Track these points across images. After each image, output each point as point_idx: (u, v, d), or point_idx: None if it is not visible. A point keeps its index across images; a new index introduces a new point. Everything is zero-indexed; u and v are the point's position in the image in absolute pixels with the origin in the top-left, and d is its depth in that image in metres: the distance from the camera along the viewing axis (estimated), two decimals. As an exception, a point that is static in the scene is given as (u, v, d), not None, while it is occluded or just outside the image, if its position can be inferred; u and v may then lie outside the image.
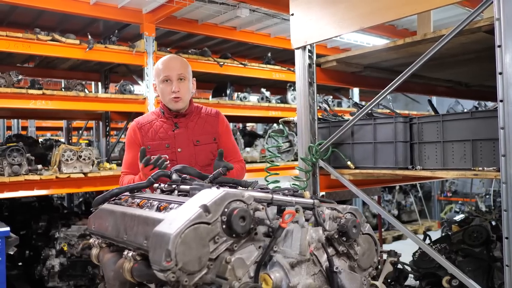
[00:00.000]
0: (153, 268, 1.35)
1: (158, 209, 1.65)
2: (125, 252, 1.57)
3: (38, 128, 10.25)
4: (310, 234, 1.56)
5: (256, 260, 1.51)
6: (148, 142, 2.57)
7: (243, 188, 1.90)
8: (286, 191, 1.80)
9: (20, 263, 5.56)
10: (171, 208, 1.61)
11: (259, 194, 1.57)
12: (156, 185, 2.00)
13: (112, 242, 1.77)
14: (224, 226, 1.42)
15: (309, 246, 1.55)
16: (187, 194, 1.78)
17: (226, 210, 1.42)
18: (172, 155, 2.51)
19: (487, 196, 8.41)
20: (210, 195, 1.44)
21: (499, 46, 2.20)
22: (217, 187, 1.69)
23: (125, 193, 1.95)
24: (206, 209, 1.38)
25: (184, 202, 1.52)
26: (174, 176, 1.96)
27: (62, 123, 8.33)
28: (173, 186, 1.93)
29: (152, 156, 2.23)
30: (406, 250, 4.23)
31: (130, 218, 1.63)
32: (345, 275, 1.70)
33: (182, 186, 1.87)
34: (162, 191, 1.96)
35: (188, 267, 1.33)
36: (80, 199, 7.94)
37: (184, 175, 1.97)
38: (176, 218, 1.38)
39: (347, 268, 1.77)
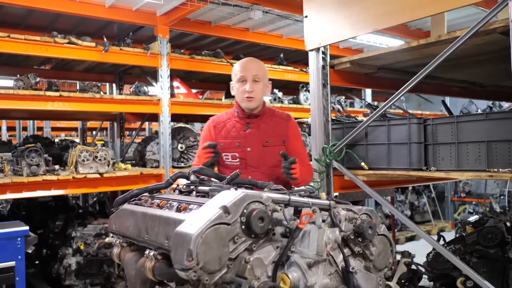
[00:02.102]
0: (175, 267, 1.39)
1: (178, 210, 1.69)
2: (147, 252, 1.62)
3: (53, 129, 10.40)
4: (327, 234, 1.59)
5: (274, 260, 1.54)
6: (220, 140, 2.68)
7: (260, 189, 1.93)
8: (302, 192, 1.83)
9: (36, 262, 5.66)
10: (190, 209, 1.65)
11: (276, 195, 1.60)
12: (174, 186, 2.05)
13: (133, 241, 1.81)
14: (243, 227, 1.45)
15: (326, 247, 1.58)
16: (206, 195, 1.82)
17: (245, 211, 1.45)
18: (242, 154, 2.63)
19: (502, 197, 8.33)
20: (229, 196, 1.47)
21: (515, 48, 2.20)
22: (235, 189, 1.73)
23: (145, 194, 1.99)
24: (226, 210, 1.42)
25: (203, 203, 1.56)
26: (192, 178, 2.00)
27: (76, 124, 8.46)
28: (191, 187, 1.96)
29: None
30: (419, 251, 4.23)
31: (151, 218, 1.67)
32: (361, 275, 1.73)
33: (200, 187, 1.91)
34: (181, 192, 2.00)
35: (209, 266, 1.37)
36: (94, 199, 8.04)
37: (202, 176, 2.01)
38: (197, 218, 1.41)
39: (362, 268, 1.79)
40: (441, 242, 3.61)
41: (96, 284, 4.98)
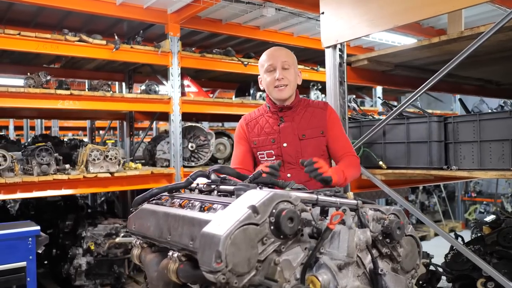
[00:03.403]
0: (202, 269, 1.33)
1: (201, 210, 1.64)
2: (170, 253, 1.56)
3: (61, 128, 10.39)
4: (358, 235, 1.53)
5: (302, 262, 1.48)
6: (254, 138, 2.52)
7: (282, 188, 1.88)
8: (328, 191, 1.77)
9: (46, 262, 5.63)
10: (215, 209, 1.59)
11: (304, 194, 1.55)
12: (193, 185, 1.99)
13: (154, 242, 1.76)
14: (272, 227, 1.39)
15: (357, 248, 1.52)
16: (229, 194, 1.77)
17: (274, 211, 1.39)
18: (278, 151, 2.45)
19: (513, 197, 8.25)
20: (258, 195, 1.42)
21: (542, 43, 2.14)
22: (260, 188, 1.67)
23: (164, 194, 1.94)
24: (255, 210, 1.36)
25: (228, 203, 1.50)
26: (213, 176, 1.95)
27: (85, 123, 8.43)
28: (212, 186, 1.91)
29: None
30: (431, 251, 4.17)
31: (174, 218, 1.62)
32: (390, 277, 1.67)
33: (222, 186, 1.85)
34: (201, 191, 1.94)
35: (238, 268, 1.32)
36: (102, 198, 8.01)
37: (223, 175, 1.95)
38: (225, 219, 1.36)
39: (390, 270, 1.73)
40: (460, 242, 3.55)
41: (106, 285, 4.95)
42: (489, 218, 4.30)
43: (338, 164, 2.42)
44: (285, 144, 2.43)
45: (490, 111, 6.20)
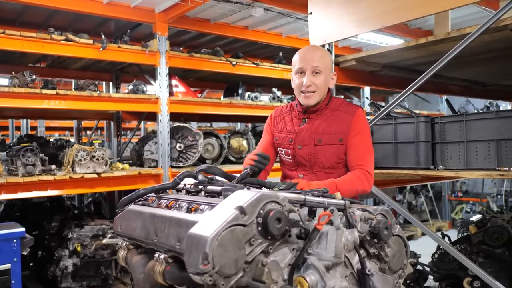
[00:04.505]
0: (189, 271, 1.32)
1: (189, 211, 1.62)
2: (156, 255, 1.54)
3: (47, 128, 10.26)
4: (346, 236, 1.53)
5: (290, 263, 1.48)
6: (276, 133, 2.48)
7: (270, 189, 1.87)
8: (316, 192, 1.76)
9: (31, 264, 5.55)
10: (202, 210, 1.58)
11: (292, 195, 1.54)
12: (181, 185, 1.97)
13: (140, 243, 1.74)
14: (259, 228, 1.38)
15: (344, 249, 1.52)
16: (217, 195, 1.75)
17: (261, 211, 1.38)
18: (293, 151, 2.38)
19: (499, 196, 8.34)
20: (245, 196, 1.40)
21: (528, 44, 2.16)
22: (247, 188, 1.66)
23: (151, 194, 1.92)
24: (242, 210, 1.35)
25: (215, 204, 1.49)
26: (200, 177, 1.93)
27: (71, 123, 8.34)
28: (200, 187, 1.89)
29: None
30: (418, 250, 4.19)
31: (161, 219, 1.60)
32: (378, 277, 1.67)
33: (209, 187, 1.84)
34: (188, 192, 1.93)
35: (225, 270, 1.30)
36: (89, 199, 7.93)
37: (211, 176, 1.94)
38: (212, 220, 1.35)
39: (377, 270, 1.74)
40: (446, 241, 3.58)
41: (93, 286, 4.89)
42: (475, 217, 4.35)
43: (339, 178, 2.22)
44: (300, 146, 2.36)
45: (476, 111, 6.27)
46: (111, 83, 6.49)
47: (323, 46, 3.16)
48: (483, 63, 3.47)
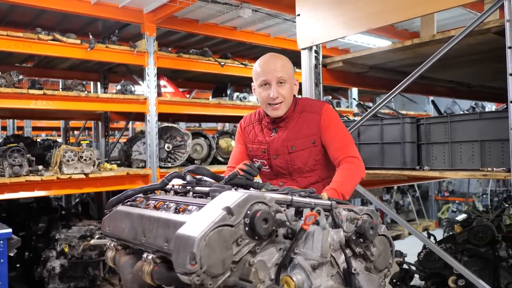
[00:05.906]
0: (177, 271, 1.33)
1: (177, 211, 1.63)
2: (145, 255, 1.55)
3: (34, 128, 10.17)
4: (331, 236, 1.55)
5: (277, 262, 1.49)
6: (249, 144, 2.45)
7: (257, 190, 1.89)
8: (303, 192, 1.79)
9: (18, 265, 5.51)
10: (190, 210, 1.59)
11: (279, 195, 1.56)
12: (169, 186, 1.98)
13: (128, 244, 1.75)
14: (247, 229, 1.40)
15: (330, 248, 1.54)
16: (205, 196, 1.77)
17: (249, 212, 1.40)
18: (269, 162, 2.36)
19: (484, 196, 8.46)
20: (232, 197, 1.42)
21: (510, 48, 2.21)
22: (235, 189, 1.68)
23: (139, 195, 1.92)
24: (229, 211, 1.37)
25: (203, 204, 1.50)
26: (188, 178, 1.94)
27: (58, 123, 8.27)
28: (188, 187, 1.90)
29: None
30: (405, 249, 4.26)
31: (149, 220, 1.61)
32: (363, 276, 1.70)
33: (198, 188, 1.85)
34: (176, 193, 1.94)
35: (213, 270, 1.32)
36: (77, 200, 7.88)
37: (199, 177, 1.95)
38: (199, 220, 1.36)
39: (363, 269, 1.76)
40: (432, 240, 3.63)
41: (81, 287, 4.87)
42: (461, 217, 4.42)
43: (333, 181, 2.16)
44: (275, 157, 2.34)
45: (462, 112, 6.36)
46: (99, 83, 6.47)
47: (311, 47, 3.19)
48: (468, 64, 3.52)
